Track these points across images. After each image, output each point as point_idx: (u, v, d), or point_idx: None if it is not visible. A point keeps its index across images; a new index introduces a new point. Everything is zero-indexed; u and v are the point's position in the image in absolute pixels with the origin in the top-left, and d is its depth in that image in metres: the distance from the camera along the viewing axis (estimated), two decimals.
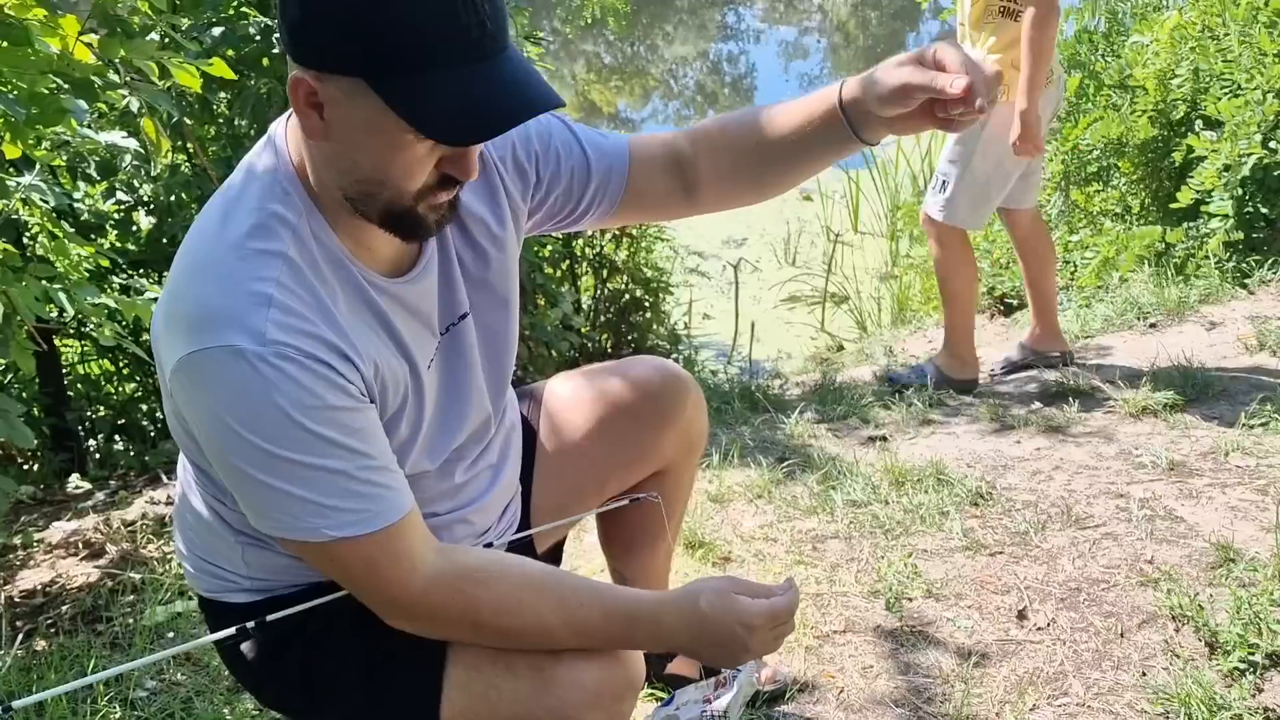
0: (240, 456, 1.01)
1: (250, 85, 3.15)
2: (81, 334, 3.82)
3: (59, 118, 1.99)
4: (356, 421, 1.05)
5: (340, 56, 0.95)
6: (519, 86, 0.98)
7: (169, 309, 1.05)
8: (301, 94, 0.98)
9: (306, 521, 1.03)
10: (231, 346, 0.98)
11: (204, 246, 1.06)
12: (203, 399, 1.01)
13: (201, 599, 1.33)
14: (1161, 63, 4.08)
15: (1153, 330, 3.52)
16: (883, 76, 1.12)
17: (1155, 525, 2.28)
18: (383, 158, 1.00)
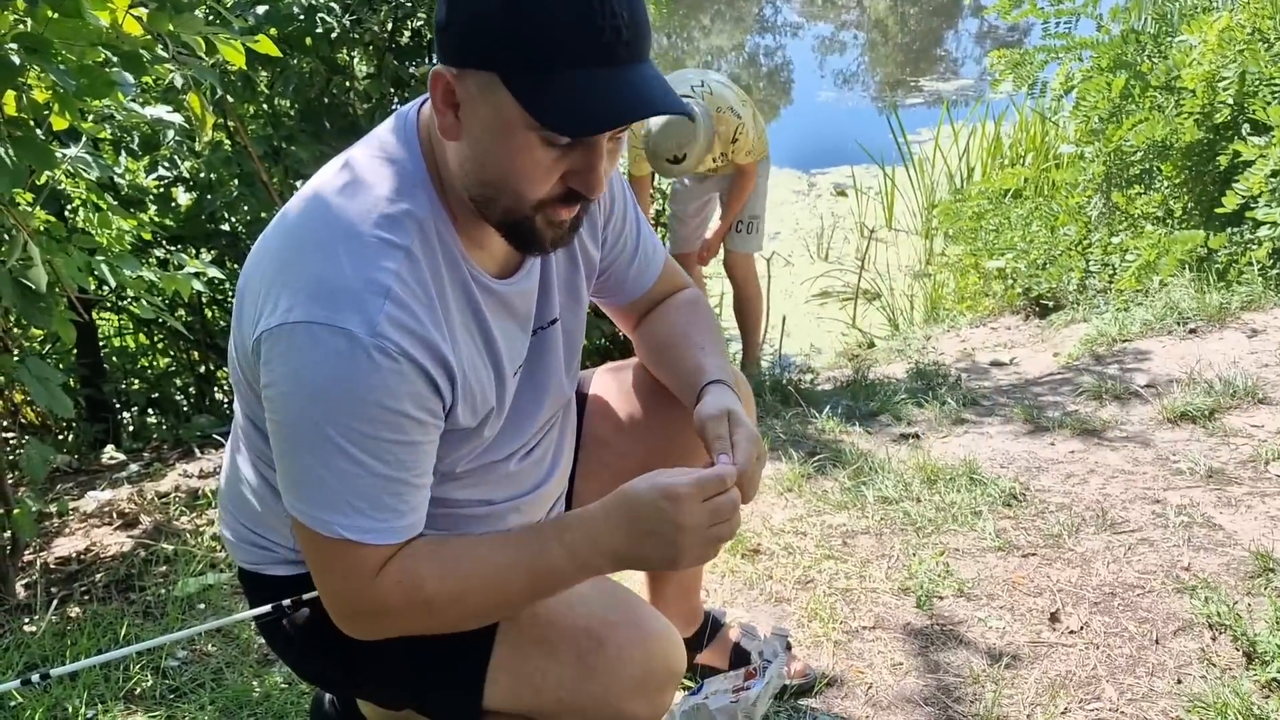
0: (301, 428, 1.02)
1: (292, 64, 3.16)
2: (119, 307, 3.86)
3: (107, 90, 2.00)
4: (419, 435, 1.06)
5: (477, 52, 0.98)
6: (644, 90, 0.99)
7: (280, 268, 1.04)
8: (440, 90, 1.01)
9: (325, 513, 1.04)
10: (341, 328, 0.99)
11: (329, 219, 1.05)
12: (292, 364, 1.00)
13: (241, 570, 1.33)
14: (1209, 64, 4.02)
15: (1193, 335, 3.47)
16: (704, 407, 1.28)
17: (1193, 532, 2.25)
18: (508, 159, 1.01)
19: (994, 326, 4.61)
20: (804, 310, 5.72)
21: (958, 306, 5.14)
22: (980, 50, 12.47)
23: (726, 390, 1.31)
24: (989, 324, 4.66)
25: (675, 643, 1.22)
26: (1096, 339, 3.64)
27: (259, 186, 3.16)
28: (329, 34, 3.12)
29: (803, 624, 2.03)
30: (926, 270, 5.93)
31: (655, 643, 1.19)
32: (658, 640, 1.19)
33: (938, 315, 5.21)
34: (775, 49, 14.35)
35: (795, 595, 2.14)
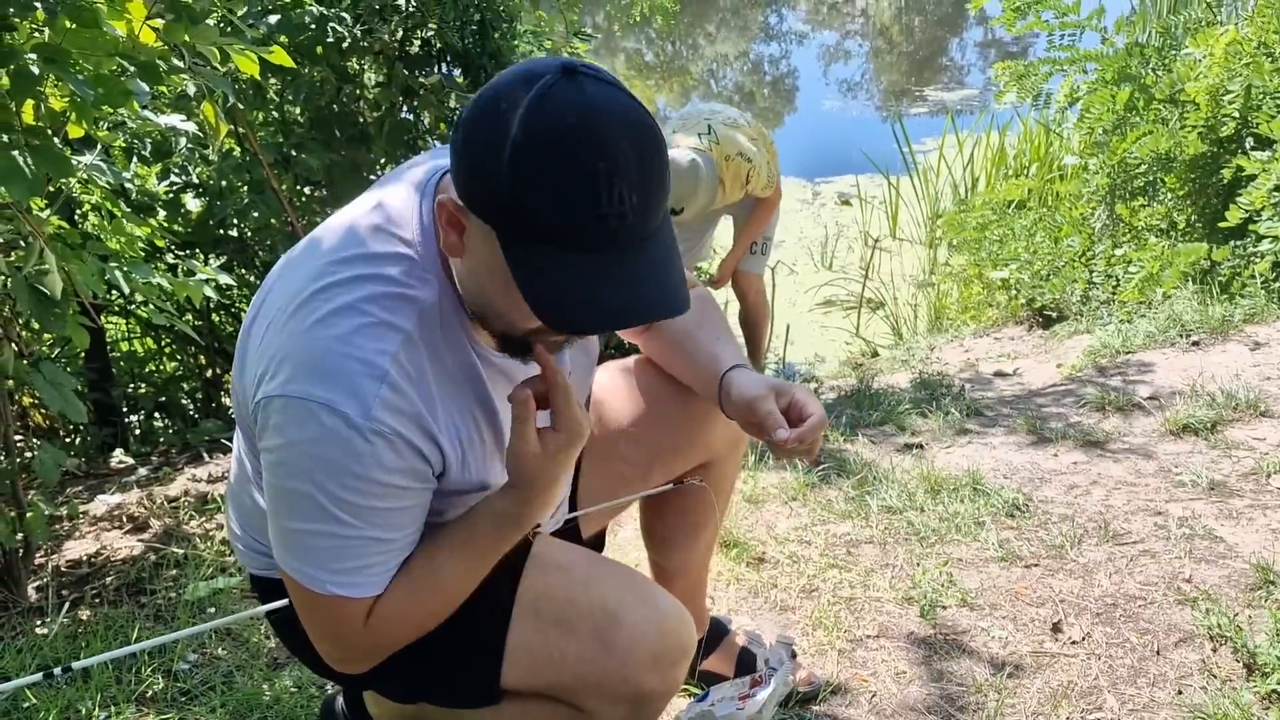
0: (295, 495, 1.06)
1: (303, 73, 3.19)
2: (127, 311, 3.88)
3: (123, 99, 2.03)
4: (409, 500, 1.11)
5: (482, 203, 0.97)
6: (637, 287, 0.98)
7: (284, 334, 1.07)
8: (445, 214, 1.02)
9: (314, 571, 1.09)
10: (336, 410, 1.02)
11: (337, 294, 1.07)
12: (290, 436, 1.04)
13: (253, 576, 1.36)
14: (1214, 78, 4.04)
15: (1195, 348, 3.49)
16: (744, 389, 1.35)
17: (1194, 544, 2.26)
18: (503, 297, 1.03)
19: (997, 337, 4.63)
20: (808, 319, 5.74)
21: (961, 316, 5.16)
22: (985, 60, 12.50)
23: (752, 371, 1.37)
24: (992, 334, 4.68)
25: (686, 620, 1.27)
26: (1100, 350, 3.66)
27: (269, 194, 3.19)
28: (340, 43, 3.15)
29: (807, 632, 2.05)
30: (930, 280, 5.95)
31: (668, 620, 1.24)
32: (670, 618, 1.24)
33: (941, 325, 5.23)
34: (780, 57, 14.40)
35: (800, 604, 2.16)
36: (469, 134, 0.97)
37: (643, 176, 0.95)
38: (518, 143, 0.92)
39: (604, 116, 0.94)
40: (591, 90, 0.94)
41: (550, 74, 0.94)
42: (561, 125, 0.92)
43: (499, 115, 0.94)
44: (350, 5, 3.19)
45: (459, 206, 1.01)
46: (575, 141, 0.92)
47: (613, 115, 0.94)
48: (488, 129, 0.95)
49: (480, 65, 3.49)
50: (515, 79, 0.96)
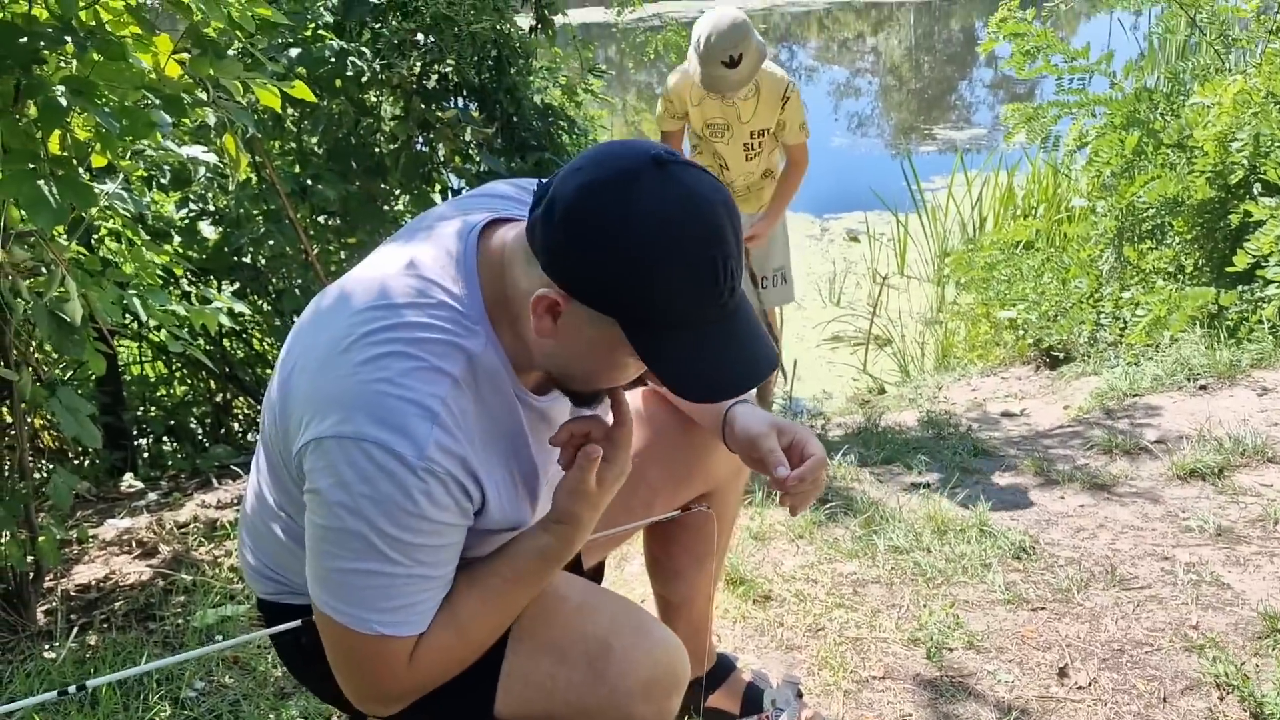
0: (344, 535, 1.07)
1: (322, 106, 3.24)
2: (139, 336, 3.92)
3: (147, 131, 2.07)
4: (453, 537, 1.13)
5: (600, 296, 1.03)
6: (745, 347, 1.08)
7: (333, 376, 1.08)
8: (544, 306, 1.06)
9: (363, 612, 1.10)
10: (391, 450, 1.04)
11: (385, 338, 1.09)
12: (342, 476, 1.06)
13: (261, 600, 1.38)
14: (1222, 125, 4.08)
15: (1203, 392, 3.50)
16: (747, 425, 1.40)
17: (1201, 591, 2.26)
18: (601, 370, 1.13)
19: (1004, 376, 4.64)
20: (815, 354, 5.76)
21: (969, 355, 5.17)
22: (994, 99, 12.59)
23: (755, 407, 1.43)
24: (999, 373, 4.69)
25: (679, 650, 1.28)
26: (1107, 393, 3.67)
27: (285, 223, 3.22)
28: (359, 77, 3.20)
29: (813, 672, 2.05)
30: (938, 318, 5.97)
31: (661, 650, 1.25)
32: (663, 648, 1.26)
33: (949, 363, 5.24)
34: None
35: (806, 643, 2.16)
36: (577, 231, 1.02)
37: (738, 248, 1.05)
38: (635, 241, 0.99)
39: (704, 203, 1.02)
40: (686, 178, 1.03)
41: (644, 168, 1.02)
42: (674, 220, 1.00)
43: (605, 212, 1.00)
44: (370, 40, 3.24)
45: (565, 298, 1.05)
46: (690, 233, 1.01)
47: (710, 199, 1.03)
48: (597, 227, 1.01)
49: (496, 100, 3.54)
50: (611, 174, 1.02)
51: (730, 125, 3.50)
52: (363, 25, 3.30)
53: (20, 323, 2.23)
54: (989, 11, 5.31)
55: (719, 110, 3.46)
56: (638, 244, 0.99)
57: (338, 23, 3.35)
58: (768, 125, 3.52)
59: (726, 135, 3.52)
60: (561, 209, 1.03)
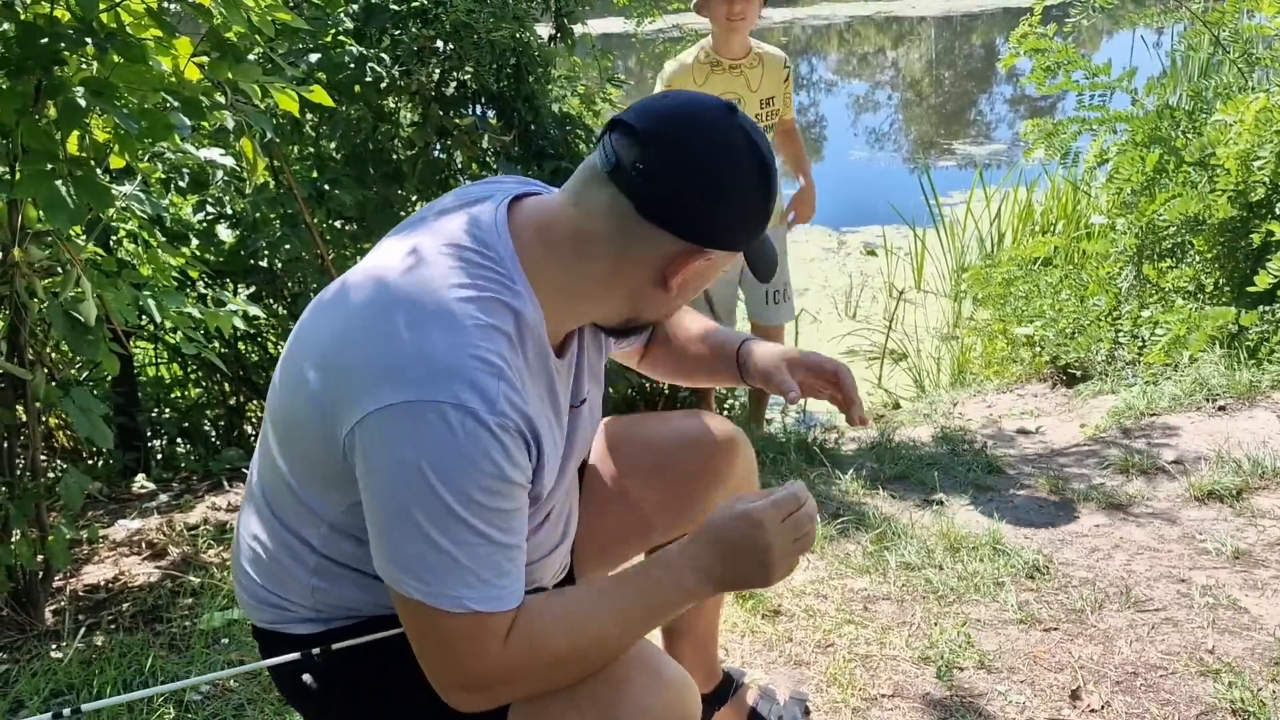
0: (422, 509, 1.03)
1: (341, 111, 3.25)
2: (155, 337, 3.93)
3: (166, 133, 2.07)
4: (522, 500, 1.11)
5: (737, 240, 1.19)
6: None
7: (384, 348, 1.07)
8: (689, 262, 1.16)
9: (453, 589, 1.05)
10: (466, 406, 1.02)
11: (430, 299, 1.09)
12: (404, 444, 1.03)
13: (256, 629, 1.33)
14: (1244, 144, 4.04)
15: (1221, 413, 3.46)
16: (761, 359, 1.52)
17: (1218, 614, 2.23)
18: (688, 298, 1.26)
19: (1020, 393, 4.60)
20: None
21: (985, 372, 5.13)
22: (1014, 115, 12.55)
23: (762, 342, 1.55)
24: (1015, 390, 4.65)
25: (691, 689, 1.24)
26: (1124, 412, 3.63)
27: (302, 227, 3.23)
28: (378, 83, 3.20)
29: (821, 689, 2.03)
30: (954, 333, 5.94)
31: (671, 690, 1.21)
32: (674, 688, 1.22)
33: (964, 379, 5.21)
34: (809, 105, 14.51)
35: (814, 659, 2.14)
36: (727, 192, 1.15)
37: None
38: (767, 175, 1.18)
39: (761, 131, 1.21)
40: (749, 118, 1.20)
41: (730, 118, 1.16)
42: (770, 151, 1.20)
43: (741, 170, 1.15)
44: (389, 46, 3.25)
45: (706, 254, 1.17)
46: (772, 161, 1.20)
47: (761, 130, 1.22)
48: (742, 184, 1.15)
49: (514, 108, 3.54)
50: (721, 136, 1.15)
51: (742, 98, 3.51)
52: (383, 31, 3.31)
53: (35, 322, 2.24)
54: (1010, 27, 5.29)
55: (727, 83, 3.49)
56: (769, 176, 1.18)
57: (358, 29, 3.36)
58: (774, 94, 3.61)
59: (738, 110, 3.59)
60: (699, 178, 1.13)
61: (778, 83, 3.61)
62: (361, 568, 1.21)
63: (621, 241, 1.15)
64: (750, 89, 3.53)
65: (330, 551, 1.21)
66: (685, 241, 1.15)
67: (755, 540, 1.17)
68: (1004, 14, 18.93)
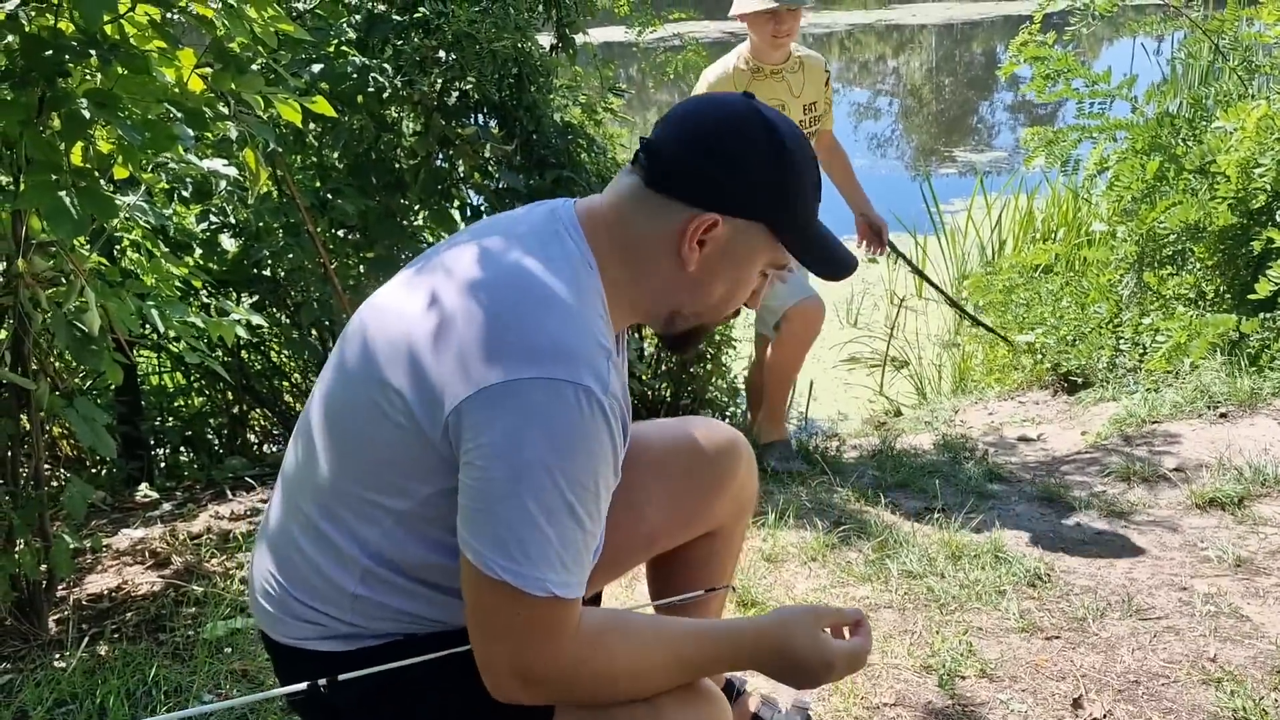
0: (530, 487, 1.03)
1: (343, 121, 3.26)
2: (159, 347, 3.94)
3: (169, 144, 2.08)
4: (612, 491, 1.13)
5: (753, 204, 1.19)
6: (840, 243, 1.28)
7: (497, 328, 1.08)
8: (701, 230, 1.18)
9: (540, 570, 1.05)
10: (584, 385, 1.05)
11: (538, 286, 1.12)
12: (530, 417, 1.03)
13: (276, 645, 1.30)
14: (1245, 151, 4.05)
15: (1223, 420, 3.46)
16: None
17: (1220, 622, 2.23)
18: (734, 287, 1.25)
19: (1022, 400, 4.60)
20: (832, 375, 5.73)
21: (986, 379, 5.14)
22: (1014, 122, 12.56)
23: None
24: (1017, 398, 4.66)
25: (722, 703, 1.26)
26: (1126, 419, 3.64)
27: (304, 236, 3.24)
28: (380, 93, 3.21)
29: (823, 697, 2.03)
30: (955, 340, 5.94)
31: (707, 707, 1.23)
32: (709, 704, 1.24)
33: (965, 386, 5.21)
34: None
35: None
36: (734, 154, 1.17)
37: None
38: (783, 147, 1.18)
39: (792, 122, 1.23)
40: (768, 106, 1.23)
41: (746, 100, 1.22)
42: (791, 130, 1.21)
43: (752, 137, 1.17)
44: (392, 56, 3.26)
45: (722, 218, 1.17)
46: (801, 138, 1.22)
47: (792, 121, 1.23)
48: (752, 147, 1.17)
49: (516, 117, 3.55)
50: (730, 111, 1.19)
51: (785, 104, 3.36)
52: (385, 42, 3.32)
53: (39, 332, 2.25)
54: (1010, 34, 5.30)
55: (772, 89, 3.33)
56: (785, 147, 1.18)
57: (360, 39, 3.37)
58: (816, 100, 3.46)
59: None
60: (706, 142, 1.17)
61: (819, 86, 3.47)
62: (414, 573, 1.20)
63: (639, 219, 1.20)
64: (793, 94, 3.39)
65: (387, 551, 1.19)
66: (692, 208, 1.17)
67: (819, 675, 1.21)
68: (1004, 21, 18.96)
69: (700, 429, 1.62)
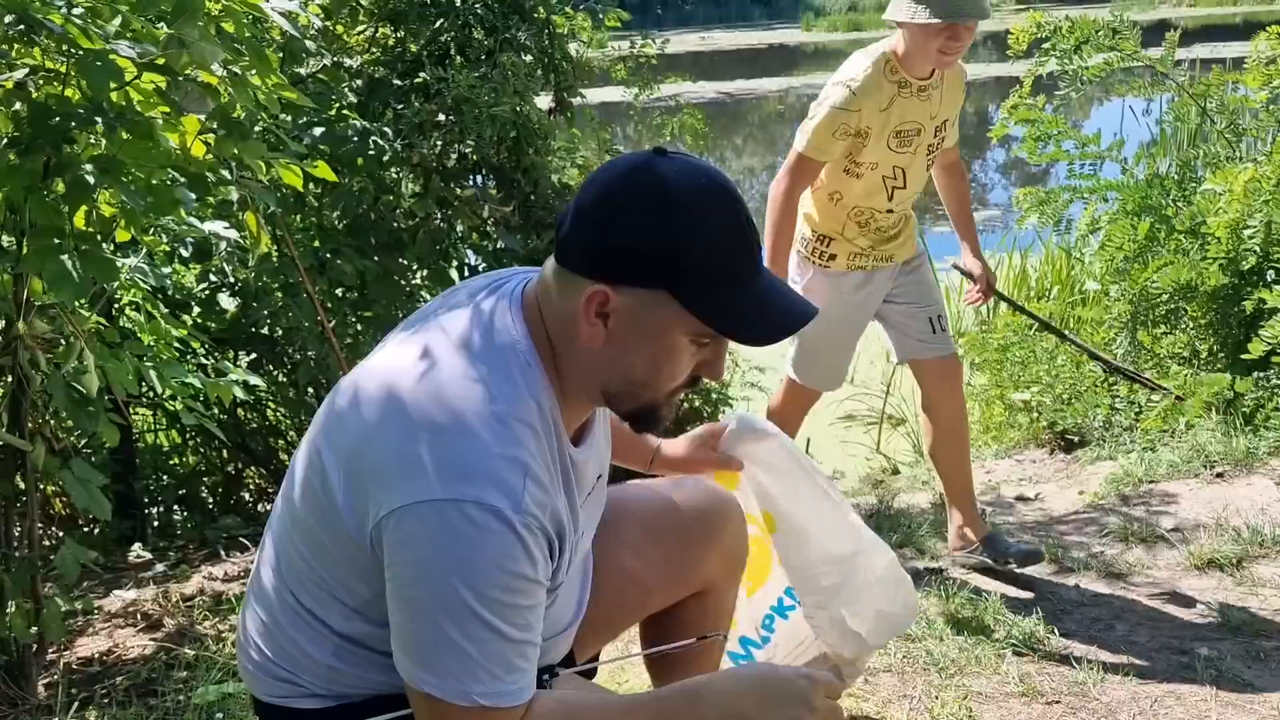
0: (440, 605, 1.05)
1: (344, 183, 3.30)
2: (154, 404, 3.94)
3: (172, 208, 2.11)
4: (541, 597, 1.12)
5: (647, 269, 1.10)
6: (786, 297, 1.17)
7: (411, 444, 1.08)
8: (595, 304, 1.11)
9: (462, 682, 1.06)
10: (490, 505, 1.05)
11: (458, 398, 1.10)
12: (438, 540, 1.05)
13: (261, 704, 1.31)
14: (1234, 213, 4.10)
15: (1219, 480, 3.46)
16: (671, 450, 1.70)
17: (1221, 686, 2.21)
18: (661, 359, 1.15)
19: (1019, 459, 4.60)
20: (829, 433, 5.73)
21: (983, 437, 5.13)
22: (1007, 181, 12.69)
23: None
24: (1014, 456, 4.65)
25: None
26: (1122, 479, 3.63)
27: (303, 296, 3.26)
28: (380, 155, 3.26)
29: None
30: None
31: None
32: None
33: None
34: None
35: None
36: (614, 216, 1.10)
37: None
38: (673, 205, 1.08)
39: (712, 169, 1.14)
40: (684, 158, 1.14)
41: (649, 157, 1.13)
42: (694, 184, 1.10)
43: (636, 196, 1.10)
44: (392, 120, 3.32)
45: (611, 290, 1.10)
46: (711, 191, 1.11)
47: (713, 170, 1.15)
48: (634, 205, 1.09)
49: (514, 179, 3.60)
50: (621, 171, 1.13)
51: (921, 129, 2.69)
52: (386, 106, 3.38)
53: (37, 393, 2.25)
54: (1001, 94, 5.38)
55: (910, 110, 2.65)
56: (676, 205, 1.08)
57: (361, 103, 3.43)
58: (949, 116, 2.79)
59: (916, 141, 2.70)
60: (592, 207, 1.11)
61: (957, 99, 2.81)
62: (386, 649, 1.20)
63: (553, 297, 1.17)
64: (931, 115, 2.70)
65: (351, 633, 1.21)
66: (587, 280, 1.11)
67: (803, 696, 1.17)
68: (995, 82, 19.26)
69: (690, 487, 1.62)
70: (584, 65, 4.09)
